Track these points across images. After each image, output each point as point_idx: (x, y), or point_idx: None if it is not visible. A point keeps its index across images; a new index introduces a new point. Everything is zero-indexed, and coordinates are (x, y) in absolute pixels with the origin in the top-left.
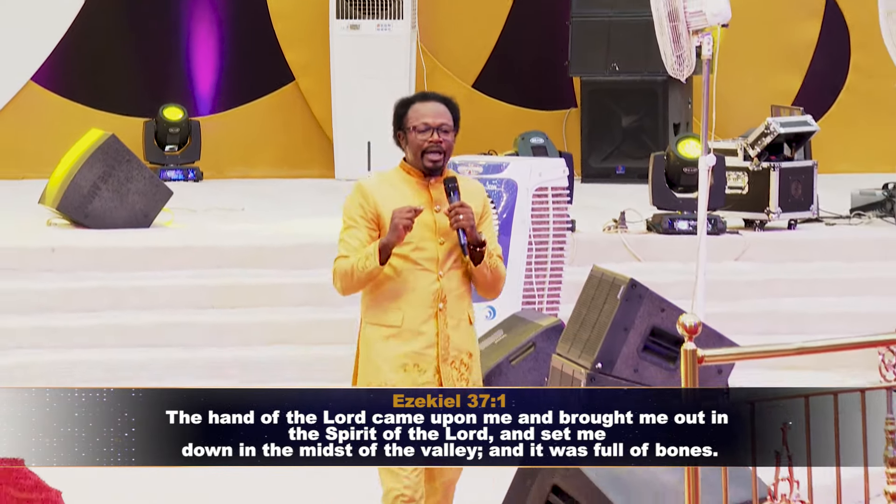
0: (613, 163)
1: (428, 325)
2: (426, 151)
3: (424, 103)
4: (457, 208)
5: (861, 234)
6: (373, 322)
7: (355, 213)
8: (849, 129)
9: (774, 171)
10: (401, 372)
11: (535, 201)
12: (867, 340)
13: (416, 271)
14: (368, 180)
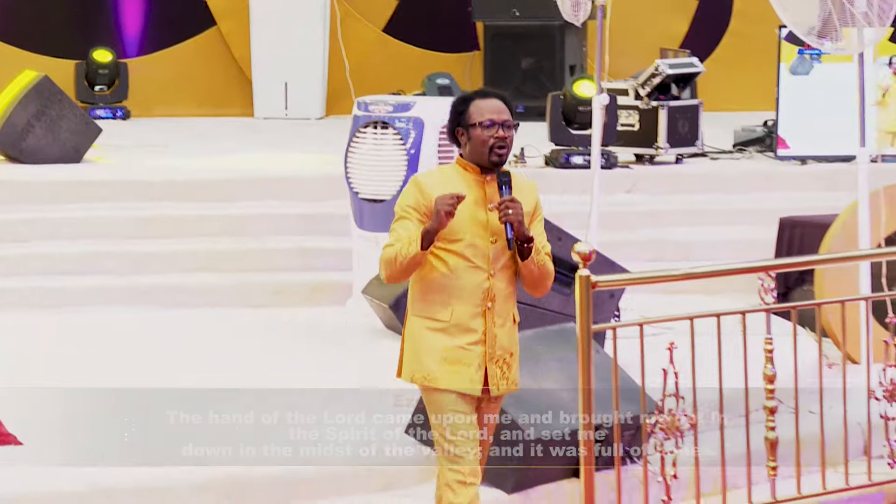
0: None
1: (476, 323)
2: (493, 147)
3: (486, 100)
4: (507, 202)
5: (743, 167)
6: (420, 314)
7: (409, 204)
8: (732, 71)
9: (663, 110)
10: (444, 365)
11: (441, 138)
12: (748, 266)
13: (467, 269)
14: (426, 175)
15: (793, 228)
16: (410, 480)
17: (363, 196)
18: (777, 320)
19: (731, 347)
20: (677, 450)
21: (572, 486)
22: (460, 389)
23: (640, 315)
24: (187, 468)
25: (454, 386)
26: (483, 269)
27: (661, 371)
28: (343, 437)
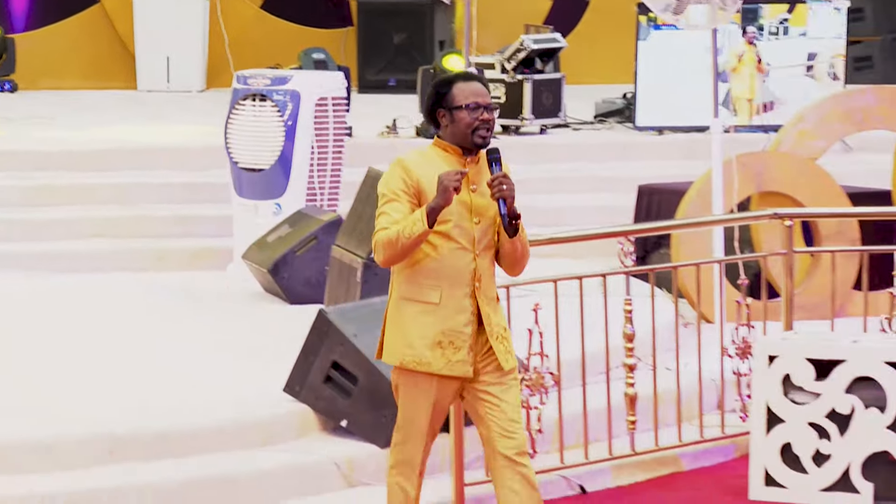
0: (386, 75)
1: (466, 304)
2: (477, 129)
3: (468, 83)
4: (500, 178)
5: (603, 137)
6: (409, 298)
7: (397, 186)
8: (593, 45)
9: (528, 83)
10: (437, 349)
11: (317, 110)
12: (608, 231)
13: (455, 250)
14: (409, 157)
15: (650, 195)
16: (289, 436)
17: (242, 165)
18: (636, 282)
19: (593, 308)
20: (542, 405)
21: (443, 441)
22: (452, 373)
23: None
24: (70, 425)
25: (446, 370)
26: (469, 249)
27: (526, 331)
28: (224, 394)
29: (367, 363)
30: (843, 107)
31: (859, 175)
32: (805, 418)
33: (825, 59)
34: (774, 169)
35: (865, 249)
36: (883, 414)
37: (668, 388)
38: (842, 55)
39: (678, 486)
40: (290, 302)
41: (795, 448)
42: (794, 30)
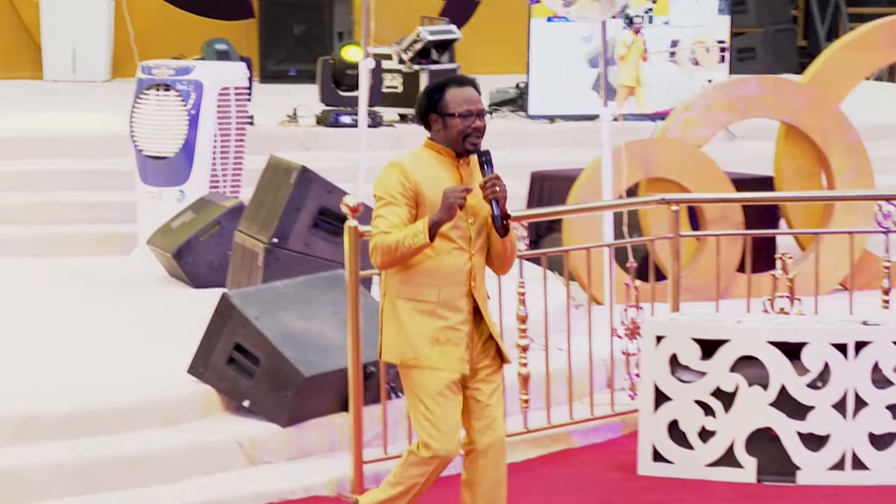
0: (287, 66)
1: (462, 303)
2: (469, 136)
3: (461, 88)
4: (493, 180)
5: (497, 126)
6: (406, 297)
7: (395, 189)
8: (486, 36)
9: (424, 73)
10: (436, 346)
11: (220, 99)
12: None
13: (452, 250)
14: (405, 160)
15: (543, 181)
16: (193, 416)
17: (147, 153)
18: (529, 265)
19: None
20: None
21: (342, 420)
22: (451, 370)
23: None
24: None
25: (446, 367)
26: (465, 249)
27: None
28: (129, 376)
29: (268, 345)
30: (727, 96)
31: (743, 162)
32: (691, 396)
33: (686, 45)
34: (661, 156)
35: (749, 233)
36: (765, 392)
37: (559, 367)
38: (702, 42)
39: (569, 462)
40: (193, 286)
41: (682, 425)
42: (658, 18)
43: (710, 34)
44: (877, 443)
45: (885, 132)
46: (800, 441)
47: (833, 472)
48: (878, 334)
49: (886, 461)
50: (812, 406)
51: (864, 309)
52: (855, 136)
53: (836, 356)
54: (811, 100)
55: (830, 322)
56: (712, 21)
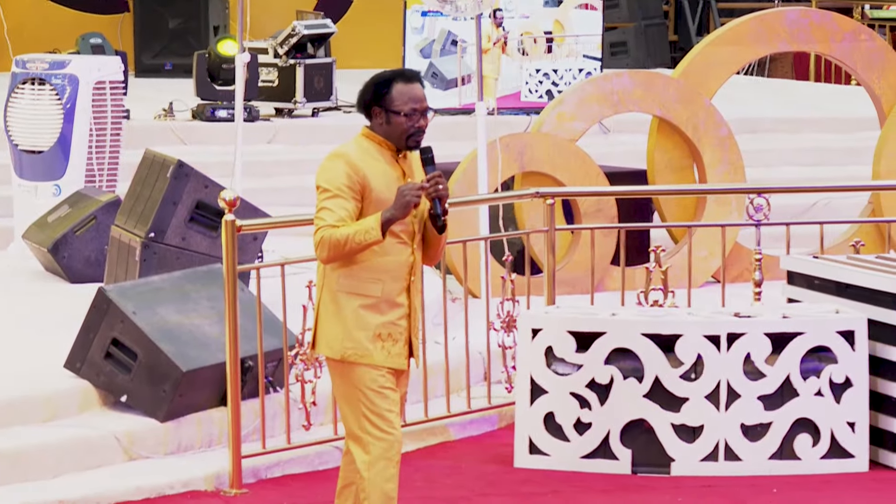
0: (162, 60)
1: (402, 298)
2: (412, 135)
3: (408, 85)
4: (436, 178)
5: None
6: (349, 291)
7: (342, 182)
8: (361, 30)
9: (300, 67)
10: (377, 342)
11: (95, 93)
12: None
13: (396, 244)
14: (349, 151)
15: None
16: (70, 411)
17: (22, 147)
18: None
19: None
20: (316, 379)
21: (221, 414)
22: (392, 365)
23: (282, 256)
24: None
25: (387, 362)
26: (409, 244)
27: (301, 307)
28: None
29: (146, 340)
30: (601, 90)
31: (616, 155)
32: (567, 388)
33: (515, 36)
34: (536, 149)
35: (622, 226)
36: (640, 384)
37: (437, 360)
38: (529, 32)
39: (447, 455)
40: (70, 281)
41: (558, 417)
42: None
43: (538, 25)
44: (749, 434)
45: (755, 126)
46: (674, 432)
47: (706, 463)
48: (750, 326)
49: (758, 452)
50: (686, 398)
51: (737, 301)
52: (726, 130)
53: (709, 348)
54: (683, 94)
55: (703, 314)
56: (539, 12)
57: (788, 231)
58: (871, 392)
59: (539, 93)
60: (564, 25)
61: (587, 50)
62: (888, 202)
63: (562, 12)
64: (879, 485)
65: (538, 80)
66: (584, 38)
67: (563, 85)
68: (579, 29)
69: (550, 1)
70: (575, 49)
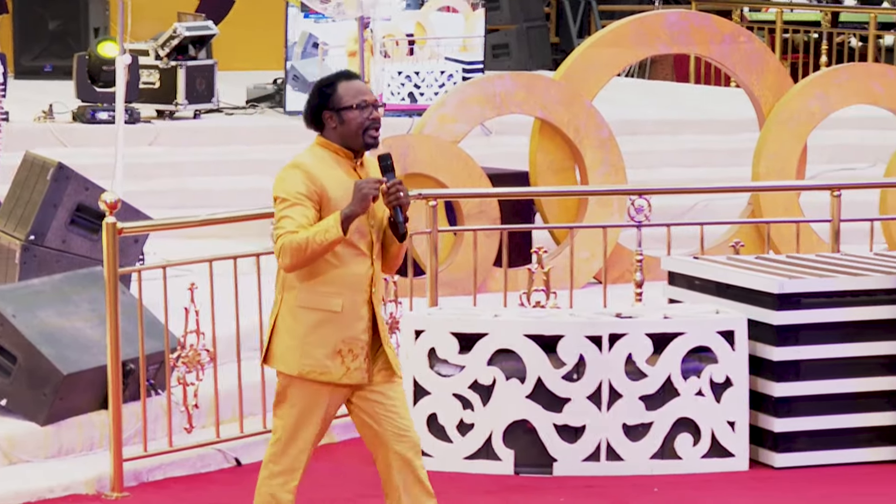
0: (42, 62)
1: (364, 311)
2: (368, 128)
3: (351, 81)
4: (397, 185)
5: (256, 122)
6: (307, 306)
7: (298, 190)
8: (244, 32)
9: (181, 69)
10: (337, 358)
11: None
12: (262, 213)
13: (354, 256)
14: (305, 160)
15: None
16: None
17: None
18: None
19: (247, 287)
20: (198, 381)
21: (102, 418)
22: (350, 381)
23: (164, 259)
24: None
25: (345, 378)
26: (367, 255)
27: (182, 310)
28: None
29: (25, 343)
30: (483, 92)
31: (498, 157)
32: (450, 390)
33: (377, 39)
34: (418, 151)
35: (505, 228)
36: (522, 384)
37: None
38: (391, 35)
39: (330, 456)
40: None
41: (441, 418)
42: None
43: (399, 28)
44: (630, 434)
45: (636, 128)
46: (556, 433)
47: (588, 463)
48: (632, 327)
49: (640, 452)
50: (568, 398)
51: (618, 302)
52: (607, 132)
53: (591, 349)
54: (564, 96)
55: (585, 315)
56: (400, 15)
57: (669, 232)
58: (751, 391)
59: (401, 95)
60: (426, 28)
61: (449, 52)
62: (767, 203)
63: (423, 15)
64: (759, 483)
65: (400, 83)
66: (445, 41)
67: (424, 87)
68: (441, 31)
69: (412, 3)
70: (437, 51)
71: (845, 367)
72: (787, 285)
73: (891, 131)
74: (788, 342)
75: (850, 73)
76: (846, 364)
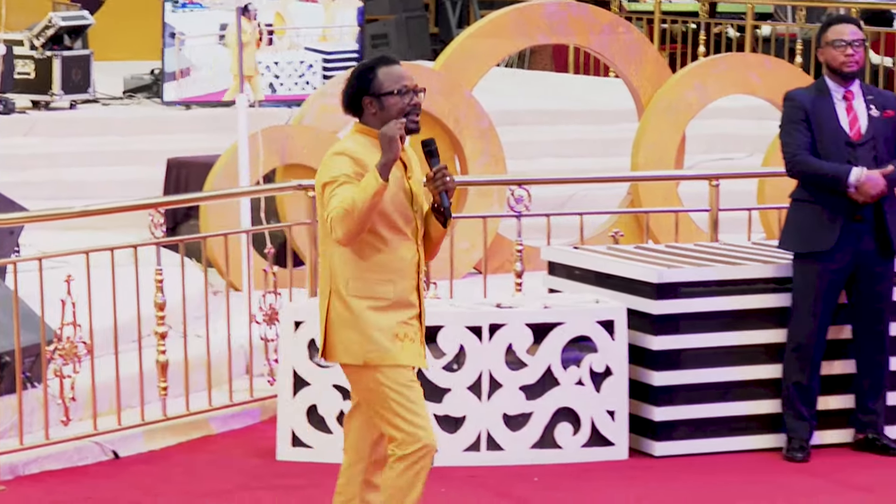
0: None
1: (413, 297)
2: (409, 113)
3: (391, 66)
4: (443, 170)
5: (133, 112)
6: (359, 295)
7: (349, 170)
8: (120, 22)
9: (57, 59)
10: (396, 342)
11: None
12: (139, 204)
13: (401, 242)
14: (349, 147)
15: (179, 168)
16: None
17: None
18: (167, 252)
19: (125, 278)
20: (75, 374)
21: None
22: (414, 363)
23: (39, 251)
24: None
25: (411, 361)
26: (413, 240)
27: (59, 302)
28: None
29: None
30: None
31: None
32: (329, 381)
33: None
34: (298, 142)
35: None
36: None
37: (198, 354)
38: None
39: (209, 448)
40: None
41: (321, 409)
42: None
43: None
44: (511, 423)
45: (515, 118)
46: (436, 423)
47: (469, 454)
48: (512, 317)
49: (520, 441)
50: (448, 388)
51: (498, 292)
52: (487, 122)
53: (472, 339)
54: (444, 86)
55: (465, 305)
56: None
57: (549, 222)
58: (631, 381)
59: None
60: (285, 18)
61: (308, 42)
62: (647, 193)
63: (282, 5)
64: (638, 472)
65: (259, 73)
66: (304, 31)
67: (284, 77)
68: (300, 21)
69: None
70: (296, 41)
71: (724, 356)
72: (666, 275)
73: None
74: (668, 331)
75: (728, 63)
76: (725, 353)
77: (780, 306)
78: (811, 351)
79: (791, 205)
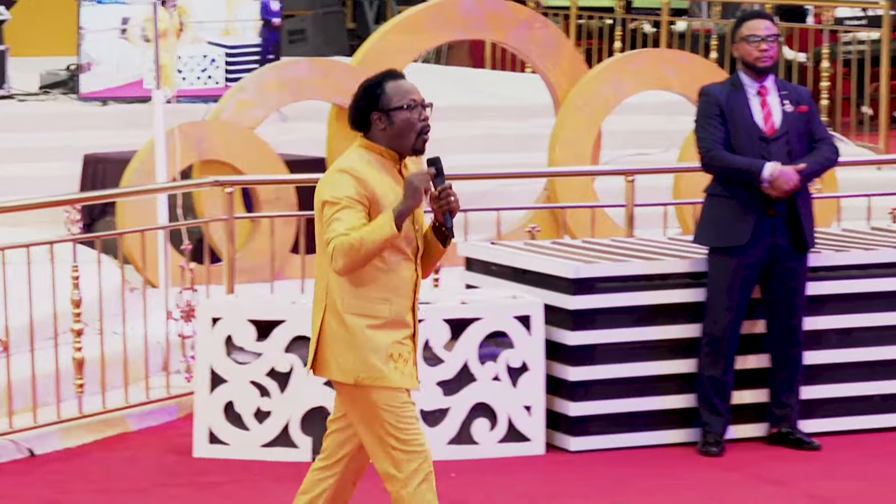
0: None
1: (409, 317)
2: (421, 132)
3: (398, 81)
4: (448, 190)
5: (49, 108)
6: (355, 312)
7: (350, 193)
8: (35, 18)
9: None
10: (390, 363)
11: None
12: (55, 200)
13: (401, 261)
14: (353, 165)
15: (96, 164)
16: None
17: None
18: (83, 249)
19: (41, 275)
20: None
21: None
22: (406, 385)
23: None
24: None
25: (402, 383)
26: (412, 259)
27: None
28: None
29: None
30: (280, 77)
31: (296, 143)
32: (247, 377)
33: (138, 23)
34: (215, 137)
35: (302, 214)
36: None
37: (115, 351)
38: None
39: (125, 446)
40: None
41: (238, 406)
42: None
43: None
44: (428, 419)
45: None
46: None
47: None
48: (429, 312)
49: (437, 437)
50: None
51: None
52: None
53: None
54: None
55: None
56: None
57: (466, 218)
58: (548, 376)
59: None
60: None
61: (212, 36)
62: (563, 189)
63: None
64: (555, 467)
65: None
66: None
67: (186, 72)
68: (203, 15)
69: None
70: (199, 36)
71: (640, 351)
72: (583, 270)
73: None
74: (584, 326)
75: (644, 58)
76: (641, 348)
77: (696, 301)
78: (726, 345)
79: (706, 200)
